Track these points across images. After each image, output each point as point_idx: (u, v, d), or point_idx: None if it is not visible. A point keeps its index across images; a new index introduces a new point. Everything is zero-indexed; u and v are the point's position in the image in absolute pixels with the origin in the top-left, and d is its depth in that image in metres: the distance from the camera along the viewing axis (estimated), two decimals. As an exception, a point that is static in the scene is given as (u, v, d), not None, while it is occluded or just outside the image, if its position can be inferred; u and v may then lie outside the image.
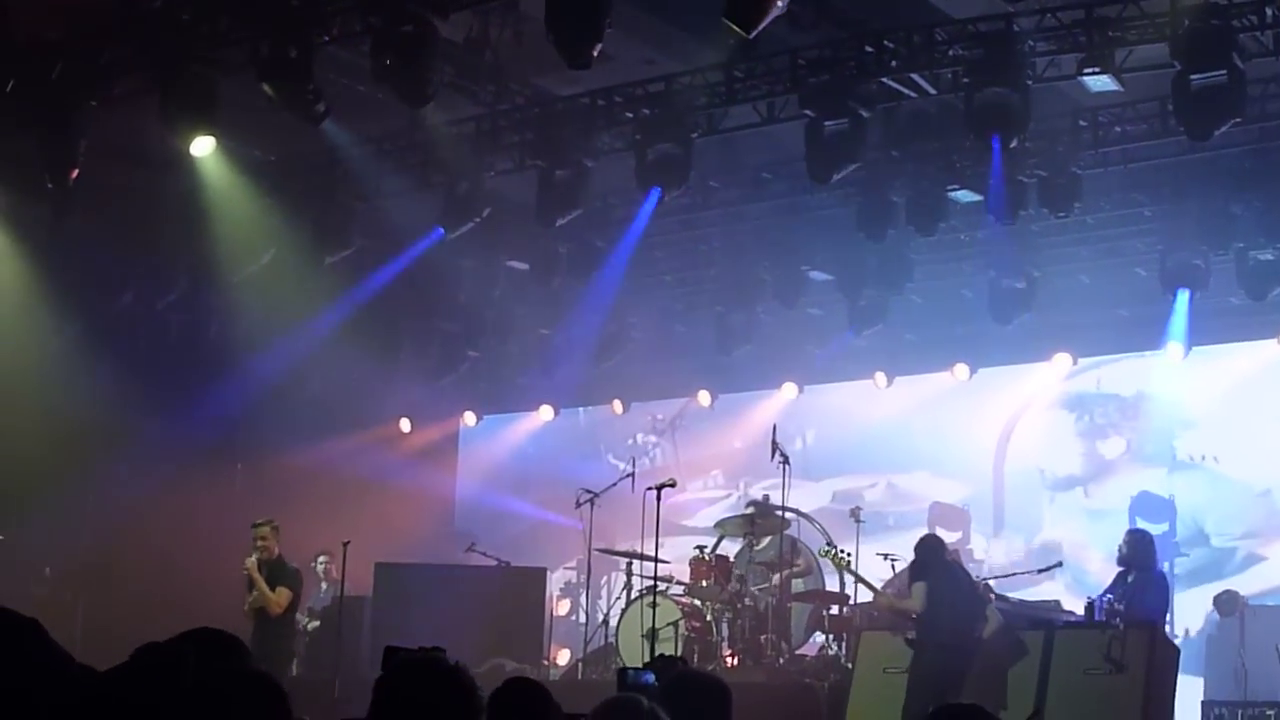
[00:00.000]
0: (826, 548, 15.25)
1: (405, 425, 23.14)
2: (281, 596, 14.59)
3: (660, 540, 15.59)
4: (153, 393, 18.27)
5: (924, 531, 19.97)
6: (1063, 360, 19.56)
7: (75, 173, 14.38)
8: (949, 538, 19.69)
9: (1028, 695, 13.42)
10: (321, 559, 19.30)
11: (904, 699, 13.33)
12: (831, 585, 16.89)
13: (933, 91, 13.96)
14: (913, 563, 13.94)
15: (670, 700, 5.77)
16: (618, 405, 22.81)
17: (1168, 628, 14.96)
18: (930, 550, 13.95)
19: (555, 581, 20.96)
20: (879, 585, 14.84)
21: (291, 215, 16.71)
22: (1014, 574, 15.72)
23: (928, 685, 13.12)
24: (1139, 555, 14.38)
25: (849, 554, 14.98)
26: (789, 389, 21.25)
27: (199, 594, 14.70)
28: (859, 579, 14.72)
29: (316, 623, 18.85)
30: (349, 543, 15.67)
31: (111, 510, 18.26)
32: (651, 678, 6.61)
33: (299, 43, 13.01)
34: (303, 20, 13.10)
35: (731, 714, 6.30)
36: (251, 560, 14.63)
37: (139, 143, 15.24)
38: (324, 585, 19.37)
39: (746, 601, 16.09)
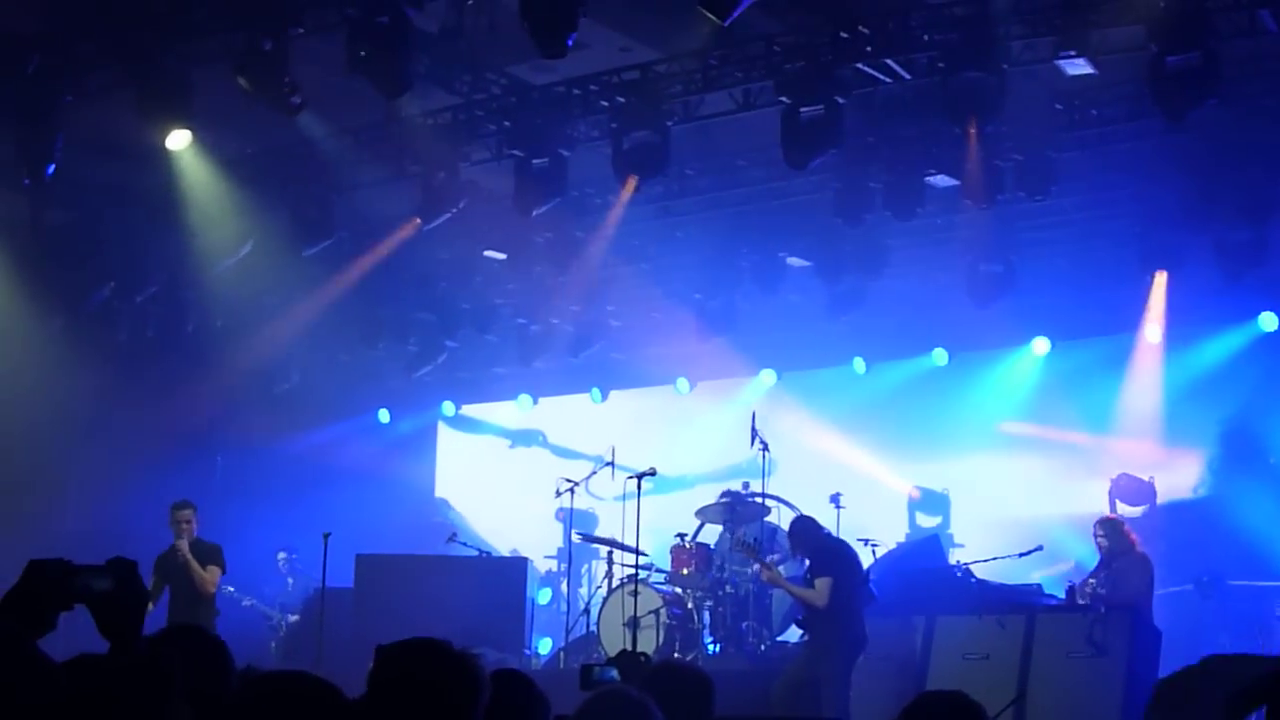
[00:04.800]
0: (740, 537, 15.40)
1: (384, 416, 23.12)
2: (213, 575, 14.38)
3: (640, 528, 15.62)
4: (132, 386, 18.24)
5: (904, 516, 20.19)
6: (1041, 344, 19.61)
7: (52, 168, 14.30)
8: (929, 522, 19.83)
9: (1010, 680, 13.45)
10: (281, 555, 19.36)
11: (785, 694, 13.45)
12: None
13: (908, 77, 13.94)
14: (813, 550, 13.93)
15: (653, 693, 5.75)
16: (596, 394, 22.83)
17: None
18: (818, 535, 14.06)
19: (536, 570, 20.94)
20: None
21: (269, 207, 16.67)
22: (995, 559, 15.72)
23: (842, 685, 13.26)
24: (1119, 541, 14.40)
25: (757, 540, 15.16)
26: (767, 375, 21.27)
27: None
28: (766, 567, 14.61)
29: (295, 616, 18.88)
30: (329, 534, 15.61)
31: (92, 503, 18.19)
32: (614, 674, 6.59)
33: (274, 35, 12.94)
34: (278, 12, 13.04)
35: (714, 705, 6.29)
36: (184, 543, 14.29)
37: (115, 137, 15.16)
38: (290, 580, 19.45)
39: (727, 589, 16.10)
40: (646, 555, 16.38)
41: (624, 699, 5.16)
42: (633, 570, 15.90)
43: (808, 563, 13.96)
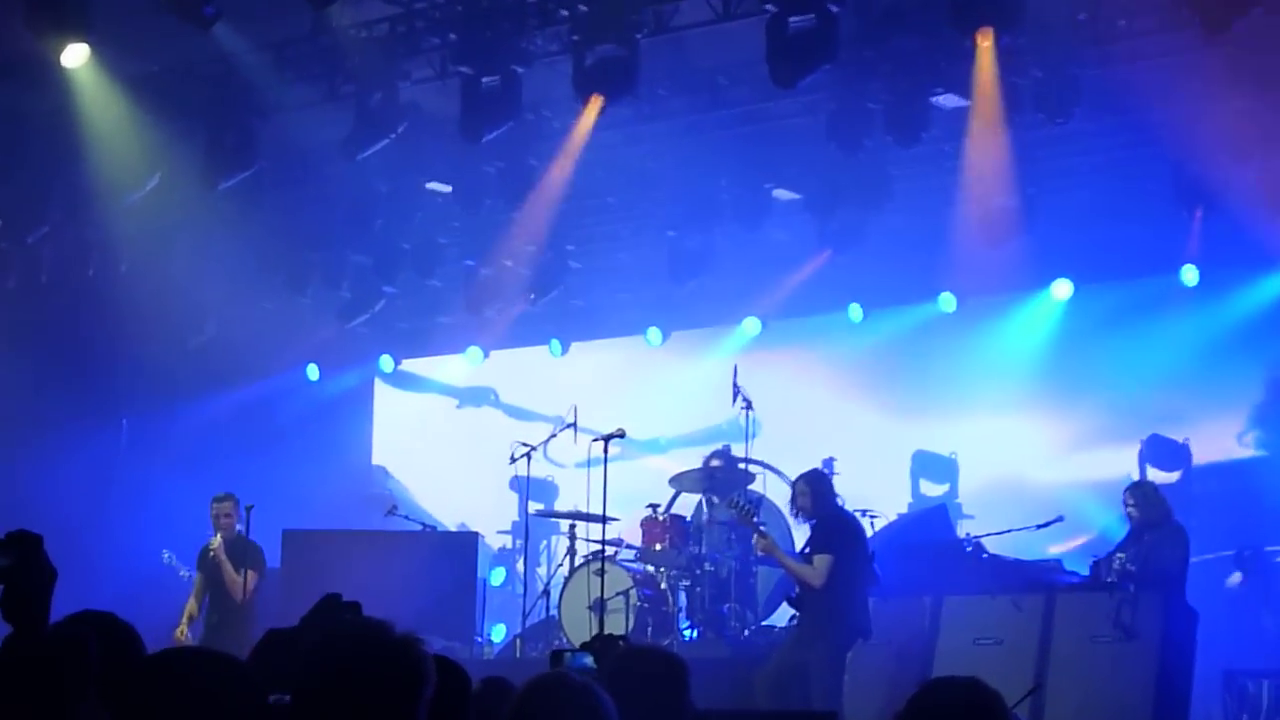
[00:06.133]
0: (734, 498, 15.41)
1: (314, 372, 23.07)
2: (249, 579, 14.89)
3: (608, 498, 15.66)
4: (25, 338, 18.17)
5: (906, 484, 20.27)
6: (1063, 288, 19.64)
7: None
8: (935, 491, 19.91)
9: (1027, 667, 13.52)
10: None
11: (771, 683, 13.57)
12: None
13: (914, -19, 13.96)
14: (820, 518, 13.99)
15: (617, 682, 5.75)
16: (555, 346, 22.82)
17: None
18: (830, 502, 14.10)
19: (488, 547, 20.98)
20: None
21: (180, 134, 16.60)
22: (1009, 531, 15.79)
23: (835, 673, 13.41)
24: (1152, 510, 14.38)
25: (751, 504, 15.14)
26: (751, 324, 21.29)
27: (82, 563, 14.58)
28: (763, 535, 14.55)
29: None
30: (252, 507, 15.62)
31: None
32: (589, 660, 6.60)
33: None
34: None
35: (688, 692, 6.31)
36: (217, 540, 14.68)
37: (2, 54, 15.06)
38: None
39: (706, 567, 16.13)
40: (617, 519, 16.39)
41: (564, 684, 5.16)
42: (598, 546, 15.93)
43: (809, 530, 14.01)
